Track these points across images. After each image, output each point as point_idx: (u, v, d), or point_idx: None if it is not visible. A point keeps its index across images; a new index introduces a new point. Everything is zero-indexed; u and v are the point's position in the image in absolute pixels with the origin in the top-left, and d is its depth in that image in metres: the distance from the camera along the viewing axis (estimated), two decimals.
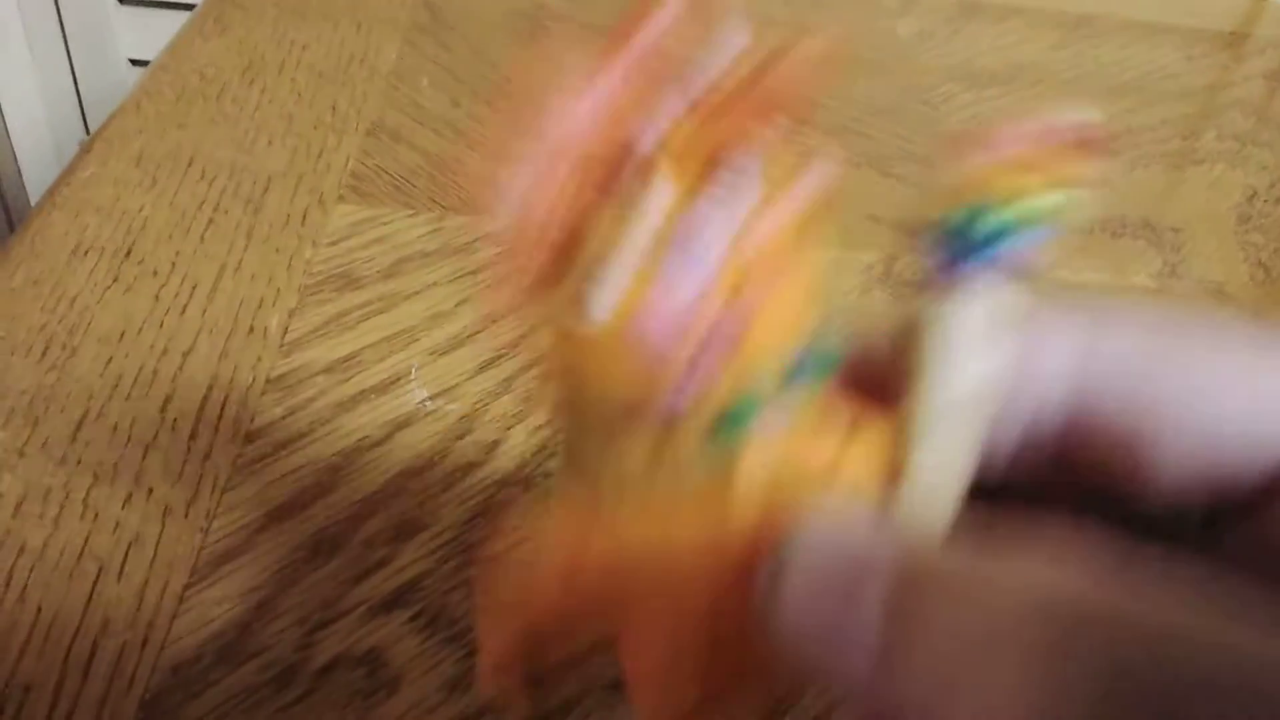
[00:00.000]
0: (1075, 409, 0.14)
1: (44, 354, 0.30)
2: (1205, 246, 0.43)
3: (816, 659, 0.11)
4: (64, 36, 0.98)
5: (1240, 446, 0.13)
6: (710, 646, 0.13)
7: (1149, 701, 0.09)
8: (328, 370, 0.30)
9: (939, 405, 0.12)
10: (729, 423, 0.12)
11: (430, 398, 0.30)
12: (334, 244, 0.36)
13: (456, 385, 0.31)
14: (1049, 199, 0.11)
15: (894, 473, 0.13)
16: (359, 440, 0.28)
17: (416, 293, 0.34)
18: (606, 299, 0.11)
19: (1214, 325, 0.14)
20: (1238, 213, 0.46)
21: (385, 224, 0.37)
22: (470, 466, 0.28)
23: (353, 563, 0.25)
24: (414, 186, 0.39)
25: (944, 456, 0.13)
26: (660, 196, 0.12)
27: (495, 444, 0.29)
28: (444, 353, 0.32)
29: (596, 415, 0.13)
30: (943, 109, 0.51)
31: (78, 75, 0.99)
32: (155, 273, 0.33)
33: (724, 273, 0.12)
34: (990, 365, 0.12)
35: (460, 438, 0.29)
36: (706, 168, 0.12)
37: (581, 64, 0.12)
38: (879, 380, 0.13)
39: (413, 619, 0.24)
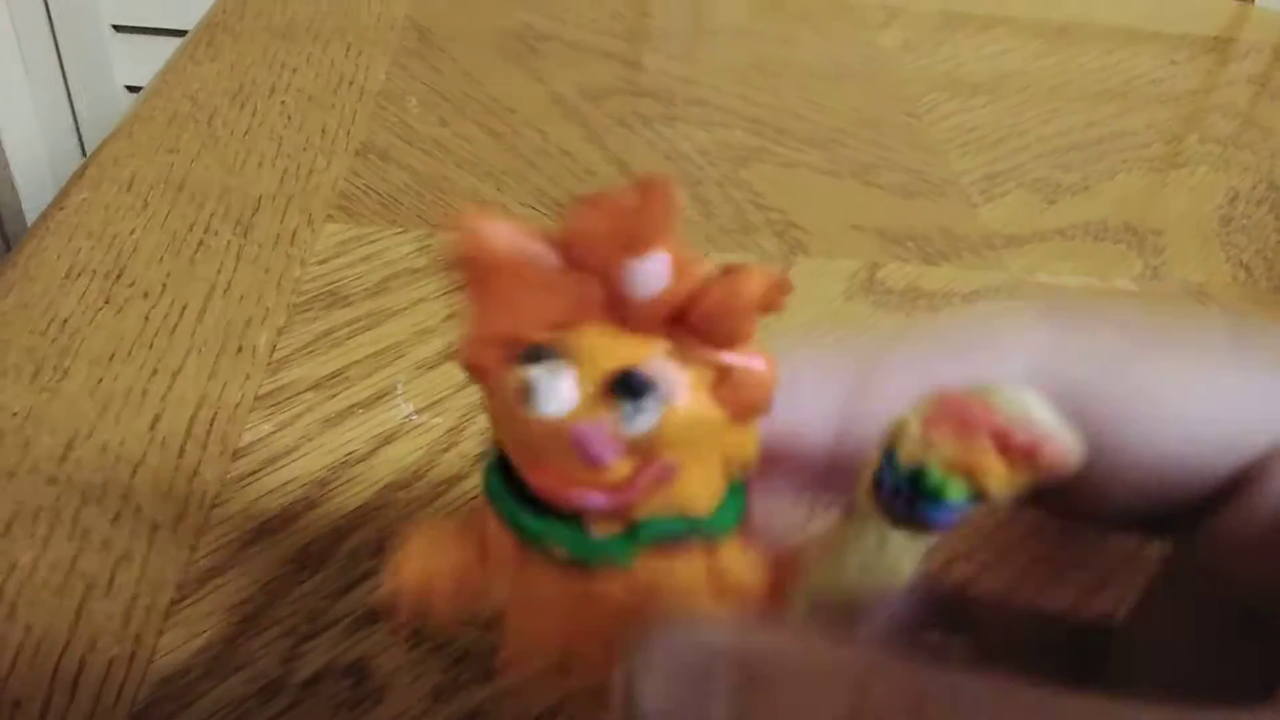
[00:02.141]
0: None
1: (35, 375, 0.30)
2: (1187, 249, 0.44)
3: None
4: (60, 64, 0.99)
5: (1200, 446, 0.13)
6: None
7: None
8: (315, 386, 0.31)
9: (842, 583, 0.13)
10: (643, 530, 0.13)
11: (417, 412, 0.30)
12: (322, 263, 0.36)
13: (442, 399, 0.31)
14: (981, 485, 0.11)
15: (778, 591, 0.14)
16: (346, 455, 0.29)
17: (403, 309, 0.34)
18: (553, 405, 0.12)
19: (1182, 327, 0.14)
20: (1220, 215, 0.46)
21: (373, 242, 0.37)
22: (456, 479, 0.28)
23: (339, 575, 0.25)
24: (401, 205, 0.40)
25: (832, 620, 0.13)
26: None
27: (480, 457, 0.29)
28: (430, 367, 0.32)
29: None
30: (926, 119, 0.51)
31: (74, 102, 1.00)
32: (145, 294, 0.34)
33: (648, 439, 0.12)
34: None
35: (446, 450, 0.29)
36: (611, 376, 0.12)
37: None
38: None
39: (397, 630, 0.24)
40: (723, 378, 0.12)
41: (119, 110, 0.98)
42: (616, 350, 0.12)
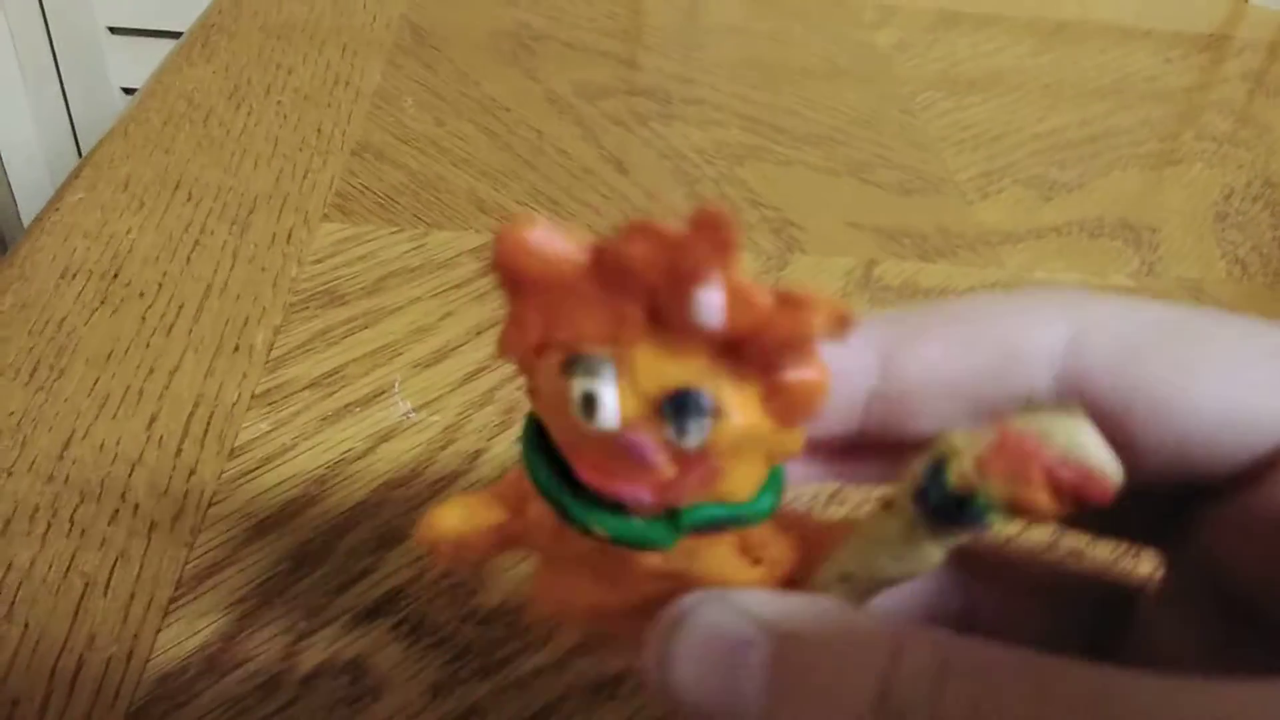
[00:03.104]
0: (1065, 393, 0.14)
1: (32, 375, 0.30)
2: (1182, 245, 0.44)
3: None
4: (56, 65, 0.99)
5: (1218, 433, 0.13)
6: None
7: None
8: (312, 385, 0.31)
9: (872, 566, 0.13)
10: (685, 517, 0.13)
11: (414, 410, 0.30)
12: (319, 262, 0.36)
13: (439, 397, 0.31)
14: (1027, 516, 0.12)
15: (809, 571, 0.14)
16: (343, 453, 0.29)
17: (400, 308, 0.34)
18: (611, 420, 0.12)
19: (1201, 317, 0.14)
20: (1215, 211, 0.47)
21: (369, 241, 0.37)
22: (453, 476, 0.28)
23: (336, 573, 0.25)
24: (398, 204, 0.40)
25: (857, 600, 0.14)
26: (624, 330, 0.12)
27: (477, 454, 0.29)
28: (427, 365, 0.32)
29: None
30: (922, 116, 0.51)
31: (70, 103, 1.00)
32: (142, 294, 0.34)
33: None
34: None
35: (443, 448, 0.29)
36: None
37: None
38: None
39: (395, 627, 0.24)
40: (775, 391, 0.12)
41: (115, 111, 0.98)
42: (668, 369, 0.12)
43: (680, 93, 0.51)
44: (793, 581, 0.14)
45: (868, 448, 0.15)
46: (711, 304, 0.11)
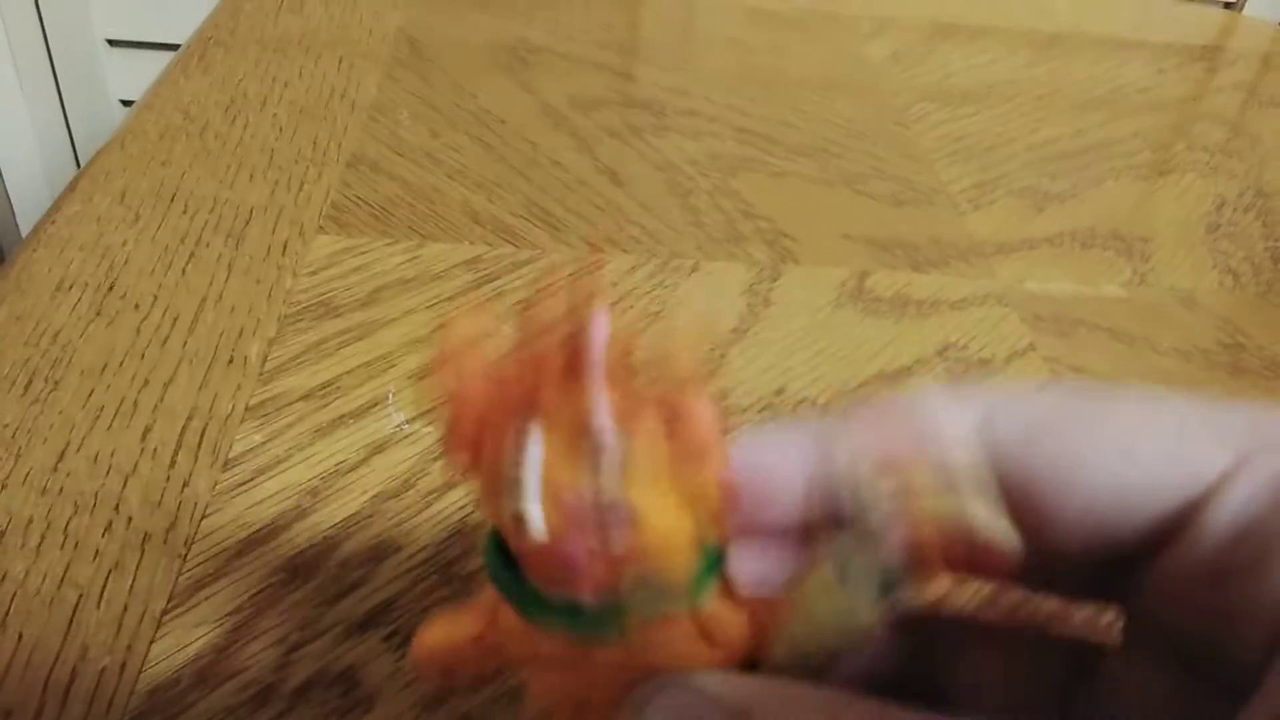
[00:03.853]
0: (976, 471, 0.15)
1: (27, 387, 0.30)
2: (1174, 255, 0.44)
3: None
4: (55, 78, 0.99)
5: (1118, 499, 0.14)
6: None
7: None
8: (306, 397, 0.31)
9: (818, 638, 0.14)
10: (630, 607, 0.14)
11: (407, 421, 0.31)
12: (314, 274, 0.36)
13: (433, 409, 0.31)
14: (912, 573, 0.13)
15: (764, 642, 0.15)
16: (337, 464, 0.29)
17: (394, 319, 0.34)
18: (538, 524, 0.13)
19: (1103, 393, 0.15)
20: (1207, 221, 0.47)
21: (364, 253, 0.38)
22: (446, 488, 0.29)
23: (329, 584, 0.26)
24: (393, 216, 0.40)
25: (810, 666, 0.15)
26: (535, 450, 0.13)
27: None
28: (421, 377, 0.32)
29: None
30: (915, 128, 0.52)
31: (69, 116, 1.01)
32: (137, 306, 0.34)
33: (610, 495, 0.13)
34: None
35: (436, 459, 0.29)
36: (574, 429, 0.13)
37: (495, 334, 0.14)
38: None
39: (388, 638, 0.24)
40: (672, 419, 0.14)
41: (113, 124, 0.99)
42: (573, 405, 0.13)
43: (675, 104, 0.51)
44: (750, 657, 0.15)
45: (814, 534, 0.16)
46: (597, 325, 0.13)
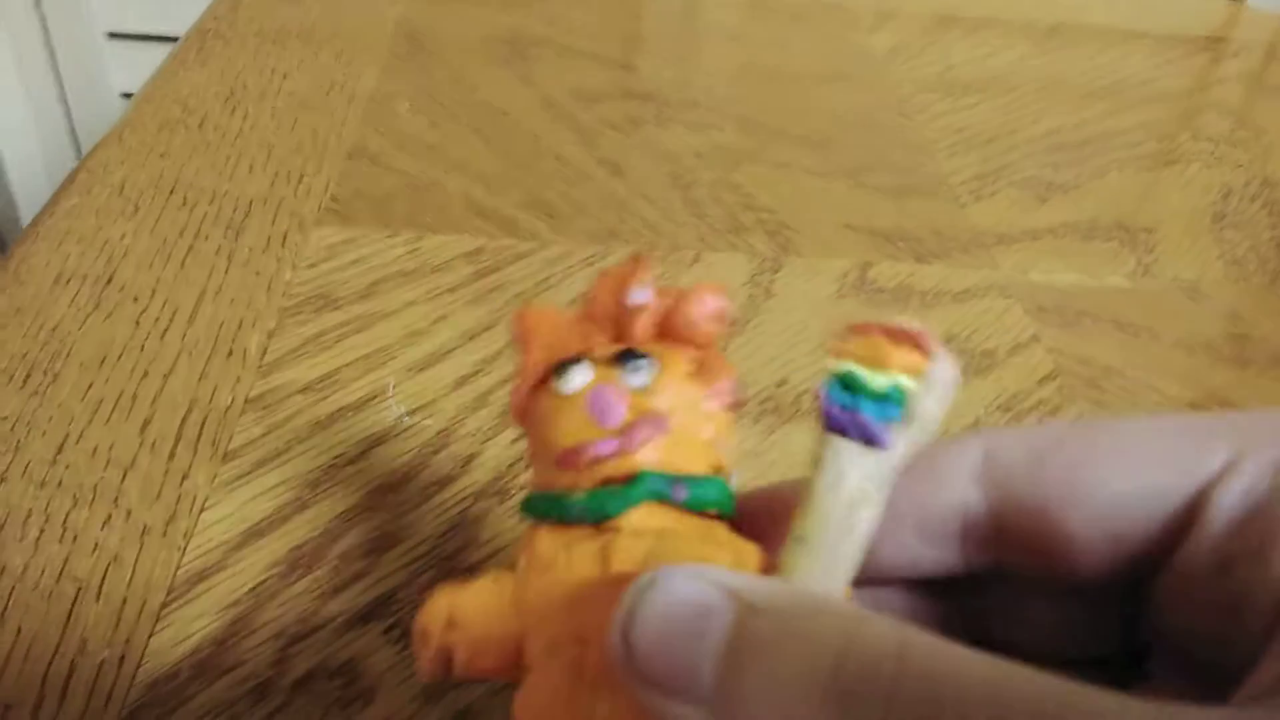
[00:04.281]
0: (992, 506, 0.16)
1: (26, 380, 0.30)
2: (1179, 245, 0.44)
3: (662, 696, 0.12)
4: (56, 71, 0.99)
5: (1125, 505, 0.15)
6: (592, 693, 0.14)
7: None
8: (306, 389, 0.31)
9: (819, 515, 0.14)
10: (638, 483, 0.15)
11: (407, 413, 0.30)
12: (313, 266, 0.36)
13: (433, 401, 0.31)
14: (900, 383, 0.14)
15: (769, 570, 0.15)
16: (336, 457, 0.29)
17: (394, 312, 0.34)
18: (577, 382, 0.16)
19: (1103, 419, 0.16)
20: (1212, 211, 0.47)
21: (363, 245, 0.38)
22: (446, 480, 0.28)
23: (329, 577, 0.25)
24: (392, 209, 0.40)
25: (820, 560, 0.14)
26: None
27: (471, 457, 0.29)
28: (421, 369, 0.32)
29: (546, 460, 0.17)
30: (917, 119, 0.51)
31: (69, 108, 1.01)
32: (136, 299, 0.34)
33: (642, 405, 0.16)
34: (870, 482, 0.14)
35: (437, 452, 0.29)
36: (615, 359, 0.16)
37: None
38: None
39: (388, 630, 0.24)
40: (697, 365, 0.17)
41: (114, 116, 0.98)
42: (616, 348, 0.17)
43: (676, 96, 0.51)
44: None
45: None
46: (640, 293, 0.17)
